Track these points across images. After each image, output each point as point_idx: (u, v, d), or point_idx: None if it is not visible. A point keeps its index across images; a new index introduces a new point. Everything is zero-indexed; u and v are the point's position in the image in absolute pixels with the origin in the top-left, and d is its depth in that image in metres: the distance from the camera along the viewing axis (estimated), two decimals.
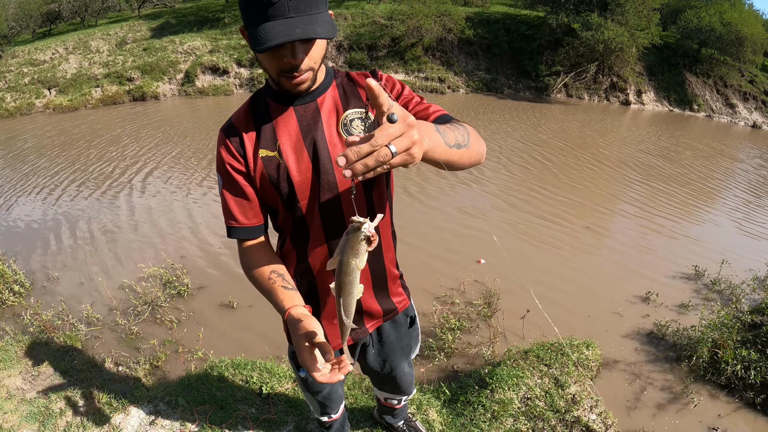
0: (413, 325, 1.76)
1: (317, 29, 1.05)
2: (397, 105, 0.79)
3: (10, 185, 7.54)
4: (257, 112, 1.32)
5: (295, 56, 1.11)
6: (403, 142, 0.77)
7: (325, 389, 1.74)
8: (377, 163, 0.75)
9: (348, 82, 1.36)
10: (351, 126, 1.31)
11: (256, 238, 1.40)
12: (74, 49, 18.99)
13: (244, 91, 17.27)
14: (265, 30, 1.04)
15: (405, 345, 1.76)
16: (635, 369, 3.46)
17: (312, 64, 1.16)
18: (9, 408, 2.77)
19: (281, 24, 1.03)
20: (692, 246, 5.78)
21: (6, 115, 14.22)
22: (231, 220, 1.36)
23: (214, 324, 3.85)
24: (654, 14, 18.73)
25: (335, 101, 1.32)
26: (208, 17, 22.17)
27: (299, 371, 1.66)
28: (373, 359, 1.76)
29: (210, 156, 8.99)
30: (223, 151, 1.32)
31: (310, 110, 1.30)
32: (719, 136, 14.43)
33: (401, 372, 1.83)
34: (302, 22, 1.04)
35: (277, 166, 1.29)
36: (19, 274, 4.43)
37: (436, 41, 19.26)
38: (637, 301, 4.38)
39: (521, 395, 2.82)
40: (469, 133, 1.14)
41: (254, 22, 1.06)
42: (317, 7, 1.08)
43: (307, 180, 1.31)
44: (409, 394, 2.07)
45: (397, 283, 1.64)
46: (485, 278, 4.53)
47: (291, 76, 1.16)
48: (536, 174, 8.32)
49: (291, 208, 1.36)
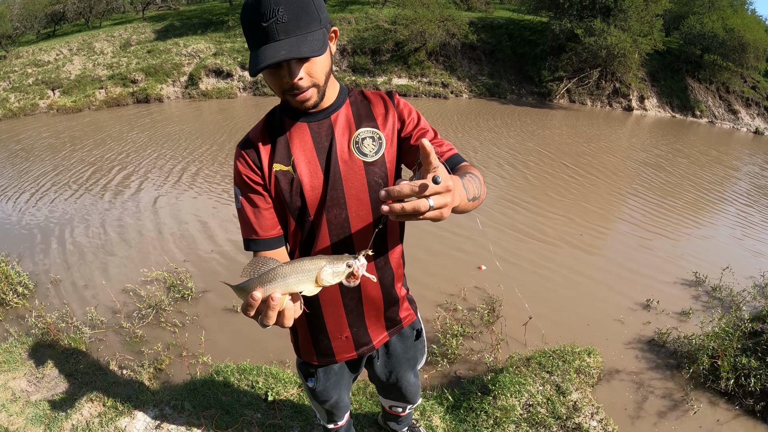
0: (419, 337, 1.78)
1: (302, 49, 1.08)
2: (443, 168, 0.87)
3: (14, 186, 7.58)
4: (272, 127, 1.35)
5: (292, 75, 1.14)
6: (440, 200, 0.83)
7: (332, 398, 1.76)
8: (413, 211, 0.80)
9: (362, 100, 1.38)
10: (362, 144, 1.33)
11: (275, 249, 1.40)
12: (78, 50, 19.06)
13: (248, 94, 17.32)
14: (258, 54, 1.09)
15: (411, 357, 1.79)
16: (636, 376, 3.48)
17: (314, 81, 1.19)
18: (14, 410, 2.79)
19: (271, 47, 1.08)
20: (693, 252, 5.78)
21: (10, 115, 14.28)
22: (251, 234, 1.36)
23: (219, 328, 3.87)
24: (657, 20, 18.74)
25: (348, 119, 1.34)
26: (212, 20, 22.25)
27: (307, 381, 1.69)
28: (380, 370, 1.78)
29: (219, 158, 9.03)
30: (240, 164, 1.34)
31: (324, 127, 1.32)
32: (722, 142, 14.43)
33: (407, 382, 1.85)
34: (289, 44, 1.08)
35: (291, 180, 1.32)
36: (23, 275, 4.45)
37: (440, 46, 19.30)
38: (638, 308, 4.40)
39: (523, 402, 2.84)
40: (481, 183, 1.19)
41: (252, 46, 1.12)
42: (308, 27, 1.11)
43: (318, 195, 1.33)
44: (414, 403, 2.09)
45: (404, 298, 1.67)
46: (485, 284, 4.55)
47: (294, 94, 1.19)
48: (536, 180, 8.34)
49: (301, 222, 1.38)
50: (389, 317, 1.61)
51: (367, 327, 1.57)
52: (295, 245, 1.46)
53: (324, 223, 1.36)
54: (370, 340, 1.60)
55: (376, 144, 1.35)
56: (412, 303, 1.72)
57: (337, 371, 1.70)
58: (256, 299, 0.95)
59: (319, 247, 1.40)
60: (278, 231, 1.40)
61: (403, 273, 1.64)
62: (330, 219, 1.36)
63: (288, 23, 1.07)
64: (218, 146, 10.02)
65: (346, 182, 1.33)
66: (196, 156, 9.28)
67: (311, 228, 1.38)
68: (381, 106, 1.38)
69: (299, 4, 1.09)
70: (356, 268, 0.95)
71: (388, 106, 1.38)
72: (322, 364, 1.65)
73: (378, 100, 1.39)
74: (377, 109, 1.37)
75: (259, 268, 0.98)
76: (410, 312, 1.70)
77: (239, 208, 1.37)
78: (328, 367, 1.66)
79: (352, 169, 1.33)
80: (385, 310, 1.58)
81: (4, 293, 4.13)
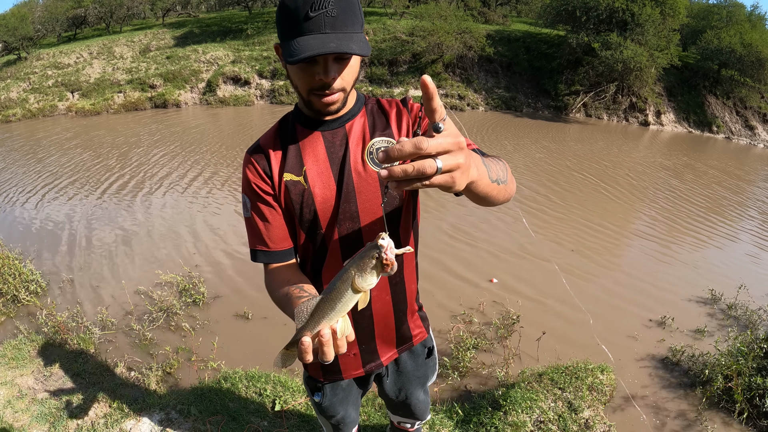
0: (431, 355, 1.73)
1: (352, 46, 1.03)
2: (450, 122, 0.74)
3: (27, 185, 7.67)
4: (284, 135, 1.31)
5: (328, 73, 1.09)
6: (449, 160, 0.70)
7: (339, 414, 1.72)
8: (418, 174, 0.67)
9: (378, 109, 1.34)
10: (377, 154, 1.27)
11: (286, 262, 1.35)
12: (98, 54, 19.38)
13: (265, 102, 17.46)
14: (299, 43, 1.03)
15: (421, 375, 1.74)
16: (649, 395, 3.40)
17: (344, 84, 1.14)
18: (20, 407, 2.79)
19: (316, 38, 1.02)
20: (709, 269, 5.68)
21: (29, 116, 14.53)
22: (259, 244, 1.32)
23: (229, 334, 3.85)
24: (674, 35, 18.63)
25: (363, 128, 1.30)
26: (231, 28, 22.53)
27: (314, 395, 1.65)
28: (389, 387, 1.73)
29: (232, 166, 9.07)
30: (250, 172, 1.30)
31: (338, 136, 1.28)
32: (739, 159, 14.25)
33: (416, 400, 1.80)
34: (337, 38, 1.03)
35: (302, 191, 1.27)
36: (35, 274, 4.48)
37: (457, 58, 19.34)
38: (652, 326, 4.32)
39: (534, 418, 2.78)
40: (507, 169, 1.10)
41: (289, 35, 1.05)
42: (353, 27, 1.07)
43: (330, 208, 1.29)
44: (422, 420, 2.04)
45: (416, 316, 1.62)
46: (506, 299, 4.50)
47: (321, 94, 1.14)
48: (550, 195, 8.27)
49: (312, 235, 1.33)
50: (400, 335, 1.56)
51: (376, 344, 1.52)
52: (305, 259, 1.42)
53: (336, 237, 1.32)
54: (378, 357, 1.55)
55: None
56: (424, 321, 1.67)
57: (345, 387, 1.65)
58: (307, 344, 0.88)
59: (330, 262, 1.36)
60: (289, 243, 1.35)
61: (417, 288, 1.59)
62: (342, 233, 1.31)
63: (336, 18, 1.03)
64: (234, 152, 10.08)
65: (359, 195, 1.28)
66: (212, 161, 9.34)
67: (323, 241, 1.33)
68: (395, 114, 1.33)
69: (348, 1, 1.05)
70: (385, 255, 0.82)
71: (402, 112, 1.33)
72: (328, 381, 1.60)
73: (393, 108, 1.34)
74: (392, 118, 1.33)
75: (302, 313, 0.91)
76: (422, 329, 1.64)
77: (248, 218, 1.33)
78: (335, 383, 1.62)
79: (366, 181, 1.28)
80: (396, 328, 1.53)
81: (17, 290, 4.15)
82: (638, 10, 17.41)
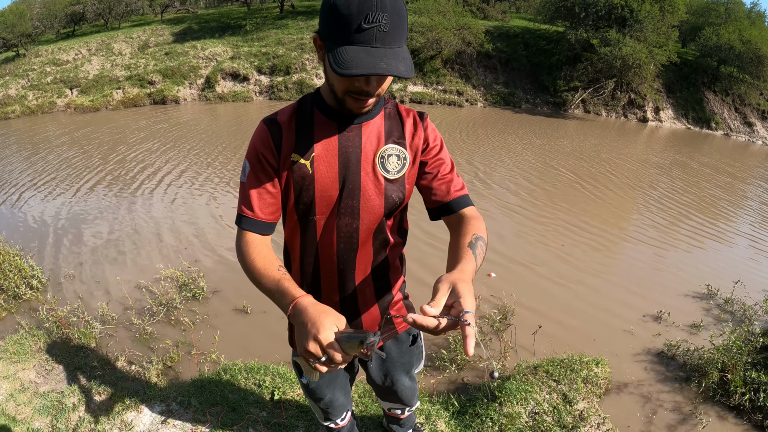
0: (415, 343, 1.77)
1: (400, 67, 1.04)
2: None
3: (28, 181, 7.69)
4: (302, 116, 1.33)
5: (369, 84, 1.13)
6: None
7: (326, 396, 1.76)
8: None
9: (395, 115, 1.37)
10: (387, 161, 1.33)
11: (264, 235, 1.35)
12: (97, 50, 19.34)
13: (264, 98, 17.45)
14: (349, 54, 1.03)
15: (406, 361, 1.78)
16: (644, 388, 3.44)
17: (380, 92, 1.19)
18: (22, 400, 2.82)
19: (366, 52, 1.03)
20: (705, 264, 5.73)
21: (28, 112, 14.51)
22: (247, 210, 1.32)
23: (228, 327, 3.89)
24: (673, 31, 18.63)
25: (379, 132, 1.33)
26: (229, 24, 22.48)
27: (301, 377, 1.69)
28: (375, 373, 1.79)
29: (233, 161, 9.09)
30: (260, 140, 1.32)
31: (353, 132, 1.31)
32: (737, 156, 14.27)
33: (402, 385, 1.85)
34: (385, 55, 1.03)
35: (305, 175, 1.30)
36: (36, 269, 4.50)
37: (455, 54, 19.34)
38: (648, 320, 4.35)
39: (529, 410, 2.82)
40: (486, 241, 1.27)
41: (338, 41, 1.06)
42: (399, 42, 1.08)
43: (330, 198, 1.32)
44: (411, 406, 2.09)
45: (401, 305, 1.66)
46: (502, 293, 4.53)
47: (357, 99, 1.17)
48: (547, 191, 8.30)
49: (303, 219, 1.37)
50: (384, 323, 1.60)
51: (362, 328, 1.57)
52: (294, 245, 1.46)
53: (334, 230, 1.36)
54: None
55: (401, 163, 1.34)
56: (410, 310, 1.71)
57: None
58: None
59: (324, 253, 1.40)
60: (275, 218, 1.36)
61: (403, 279, 1.64)
62: (341, 226, 1.35)
63: (387, 33, 1.03)
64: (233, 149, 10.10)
65: (363, 193, 1.32)
66: (214, 157, 9.36)
67: (314, 228, 1.37)
68: (411, 126, 1.37)
69: (400, 15, 1.05)
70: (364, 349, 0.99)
71: (418, 127, 1.37)
72: None
73: (410, 119, 1.38)
74: (408, 128, 1.37)
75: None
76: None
77: (243, 183, 1.34)
78: None
79: (372, 182, 1.32)
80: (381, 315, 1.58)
81: (18, 286, 4.18)
82: (637, 7, 17.43)
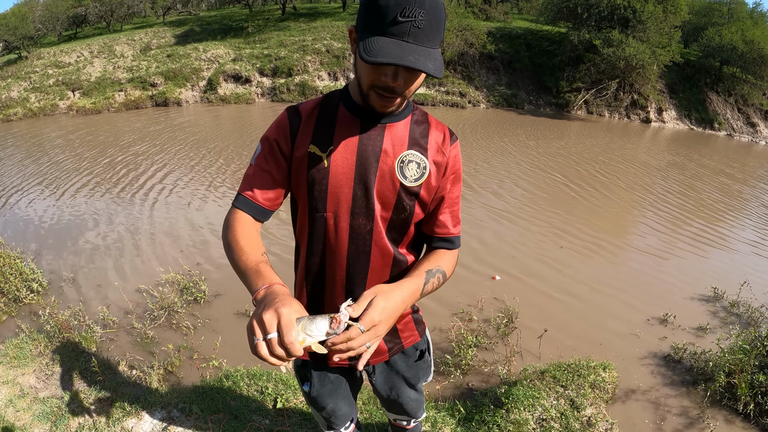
0: (422, 357, 1.72)
1: (428, 64, 1.03)
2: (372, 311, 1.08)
3: (31, 184, 7.67)
4: (326, 109, 1.31)
5: (396, 79, 1.10)
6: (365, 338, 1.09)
7: (328, 405, 1.72)
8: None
9: (423, 122, 1.34)
10: (407, 167, 1.29)
11: (257, 220, 1.33)
12: (99, 52, 19.36)
13: (266, 100, 17.46)
14: (380, 44, 1.03)
15: (412, 375, 1.73)
16: (651, 392, 3.39)
17: (407, 92, 1.16)
18: (22, 406, 2.79)
19: (397, 45, 1.02)
20: (711, 267, 5.69)
21: (30, 114, 14.52)
22: (247, 191, 1.31)
23: (230, 332, 3.85)
24: (675, 32, 18.61)
25: (403, 136, 1.30)
26: (231, 26, 22.51)
27: (303, 385, 1.66)
28: (380, 385, 1.74)
29: (235, 163, 9.06)
30: (276, 126, 1.31)
31: (376, 131, 1.28)
32: (740, 156, 14.21)
33: (407, 398, 1.80)
34: (416, 51, 1.03)
35: (320, 168, 1.27)
36: (37, 273, 4.47)
37: (458, 55, 19.33)
38: (654, 323, 4.31)
39: (536, 416, 2.78)
40: (446, 279, 1.36)
41: (371, 31, 1.06)
42: (433, 43, 1.06)
43: (343, 195, 1.29)
44: (417, 418, 2.04)
45: (408, 319, 1.61)
46: (504, 296, 4.49)
47: (382, 95, 1.15)
48: (549, 194, 8.27)
49: (312, 214, 1.34)
50: (388, 338, 1.56)
51: None
52: (302, 242, 1.42)
53: (347, 230, 1.32)
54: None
55: (419, 172, 1.30)
56: (418, 324, 1.66)
57: (333, 380, 1.65)
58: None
59: (333, 253, 1.36)
60: (272, 206, 1.34)
61: None
62: (354, 227, 1.32)
63: (422, 30, 1.03)
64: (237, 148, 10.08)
65: (378, 196, 1.29)
66: (215, 159, 9.34)
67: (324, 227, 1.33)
68: (439, 139, 1.33)
69: (438, 17, 1.05)
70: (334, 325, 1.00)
71: (446, 144, 1.34)
72: (314, 367, 1.61)
73: (439, 131, 1.34)
74: (434, 139, 1.33)
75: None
76: (414, 333, 1.64)
77: (251, 164, 1.33)
78: (323, 373, 1.62)
79: (388, 186, 1.29)
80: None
81: (18, 290, 4.14)
82: (640, 7, 17.41)
